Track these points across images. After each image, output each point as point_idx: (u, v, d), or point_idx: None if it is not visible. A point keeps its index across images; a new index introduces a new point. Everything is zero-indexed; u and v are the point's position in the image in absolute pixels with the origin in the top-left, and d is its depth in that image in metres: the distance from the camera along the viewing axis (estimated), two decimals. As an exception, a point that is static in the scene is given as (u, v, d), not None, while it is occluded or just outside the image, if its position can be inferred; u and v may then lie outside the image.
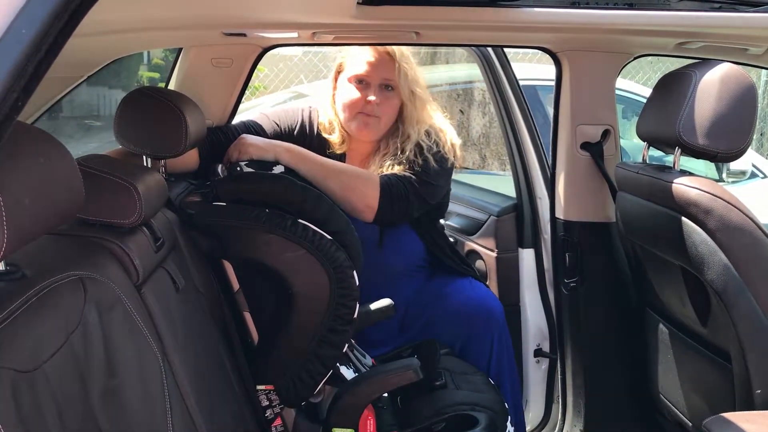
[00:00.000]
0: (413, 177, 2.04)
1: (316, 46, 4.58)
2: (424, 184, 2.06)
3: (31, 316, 0.96)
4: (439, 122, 2.20)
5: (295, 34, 2.03)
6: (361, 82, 2.09)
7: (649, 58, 2.43)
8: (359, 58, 2.09)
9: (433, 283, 2.22)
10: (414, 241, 2.18)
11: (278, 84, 6.52)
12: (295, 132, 2.17)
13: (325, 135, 2.17)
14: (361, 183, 1.97)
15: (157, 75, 9.20)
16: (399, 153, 2.10)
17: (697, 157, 1.79)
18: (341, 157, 2.17)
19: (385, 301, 1.97)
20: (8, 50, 0.60)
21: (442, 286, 2.19)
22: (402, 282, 2.18)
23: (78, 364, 1.04)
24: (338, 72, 2.15)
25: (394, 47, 2.08)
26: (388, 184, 1.99)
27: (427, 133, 2.13)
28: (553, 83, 2.32)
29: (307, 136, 2.17)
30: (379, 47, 2.08)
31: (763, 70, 5.97)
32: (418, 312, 2.17)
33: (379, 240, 2.13)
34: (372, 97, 2.06)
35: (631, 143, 4.42)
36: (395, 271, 2.18)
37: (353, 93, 2.08)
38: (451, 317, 2.13)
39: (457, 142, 2.21)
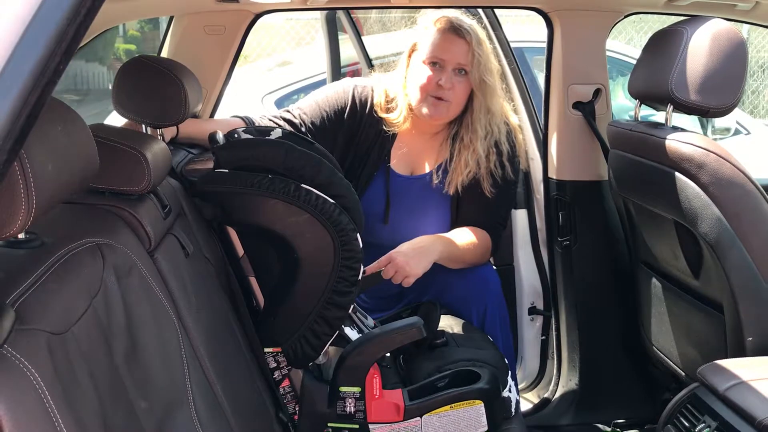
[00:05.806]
0: (500, 210, 2.18)
1: (298, 12, 4.54)
2: (508, 212, 2.27)
3: (56, 281, 0.98)
4: (512, 117, 2.21)
5: (287, -1, 2.02)
6: (435, 64, 2.07)
7: (632, 17, 2.44)
8: (435, 41, 2.07)
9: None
10: (431, 224, 2.16)
11: (260, 52, 6.48)
12: (345, 114, 2.16)
13: (381, 114, 2.15)
14: (483, 248, 2.10)
15: (133, 47, 9.05)
16: (475, 161, 2.10)
17: (689, 113, 1.82)
18: (393, 137, 2.17)
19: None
20: (50, 15, 0.61)
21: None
22: None
23: (102, 326, 1.06)
24: (412, 51, 2.14)
25: (469, 31, 2.05)
26: (496, 235, 2.15)
27: (507, 132, 2.14)
28: (540, 45, 2.33)
29: (357, 115, 2.16)
30: (455, 30, 2.05)
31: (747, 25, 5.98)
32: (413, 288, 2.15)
33: (384, 215, 2.15)
34: (443, 81, 2.04)
35: (616, 104, 4.45)
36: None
37: (426, 75, 2.06)
38: (444, 288, 2.12)
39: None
